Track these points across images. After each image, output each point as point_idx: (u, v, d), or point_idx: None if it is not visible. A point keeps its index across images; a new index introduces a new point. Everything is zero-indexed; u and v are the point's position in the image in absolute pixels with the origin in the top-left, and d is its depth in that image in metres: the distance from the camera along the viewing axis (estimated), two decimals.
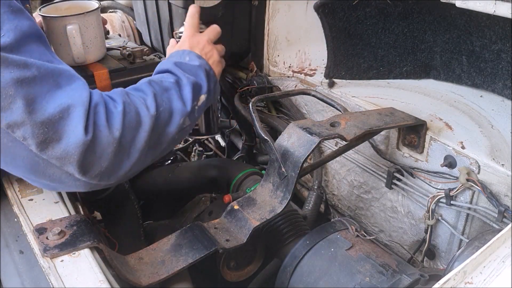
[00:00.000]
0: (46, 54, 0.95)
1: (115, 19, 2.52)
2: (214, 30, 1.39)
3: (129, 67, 1.51)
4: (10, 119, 0.86)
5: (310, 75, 1.85)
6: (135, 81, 1.50)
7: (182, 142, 2.40)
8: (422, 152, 1.42)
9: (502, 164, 1.24)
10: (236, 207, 1.23)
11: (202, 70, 1.23)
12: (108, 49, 1.63)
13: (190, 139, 2.35)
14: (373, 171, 1.59)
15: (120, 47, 1.59)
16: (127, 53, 1.53)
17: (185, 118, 1.15)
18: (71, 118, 0.91)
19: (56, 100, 0.91)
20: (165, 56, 2.02)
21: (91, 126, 0.94)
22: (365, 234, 1.25)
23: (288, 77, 1.89)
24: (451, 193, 1.32)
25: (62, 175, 0.95)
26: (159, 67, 1.25)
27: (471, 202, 1.31)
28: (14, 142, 0.88)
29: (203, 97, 1.22)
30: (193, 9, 1.38)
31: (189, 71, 1.21)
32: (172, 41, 1.41)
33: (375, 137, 1.53)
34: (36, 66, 0.89)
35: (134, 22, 2.50)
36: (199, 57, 1.26)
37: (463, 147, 1.32)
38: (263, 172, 1.56)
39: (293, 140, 1.19)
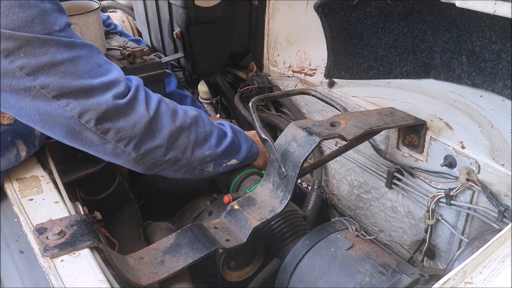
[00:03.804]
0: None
1: (115, 19, 2.52)
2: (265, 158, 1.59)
3: (129, 67, 1.51)
4: None
5: (310, 75, 1.85)
6: None
7: None
8: (422, 152, 1.42)
9: (502, 164, 1.24)
10: (236, 207, 1.23)
11: (242, 150, 1.45)
12: (108, 49, 1.63)
13: None
14: (373, 171, 1.59)
15: (120, 47, 1.59)
16: (127, 53, 1.53)
17: (211, 155, 1.33)
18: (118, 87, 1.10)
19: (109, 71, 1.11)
20: (165, 55, 2.03)
21: (131, 98, 1.12)
22: (365, 234, 1.25)
23: (288, 77, 1.89)
24: (451, 193, 1.32)
25: (94, 138, 1.09)
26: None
27: (471, 202, 1.31)
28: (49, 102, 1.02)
29: (234, 161, 1.42)
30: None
31: (234, 145, 1.42)
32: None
33: (375, 137, 1.53)
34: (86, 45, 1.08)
35: (134, 22, 2.50)
36: (252, 147, 1.50)
37: (463, 147, 1.32)
38: (263, 172, 1.56)
39: (293, 139, 1.19)
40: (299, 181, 1.86)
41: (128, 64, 1.52)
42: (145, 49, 1.57)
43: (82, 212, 1.16)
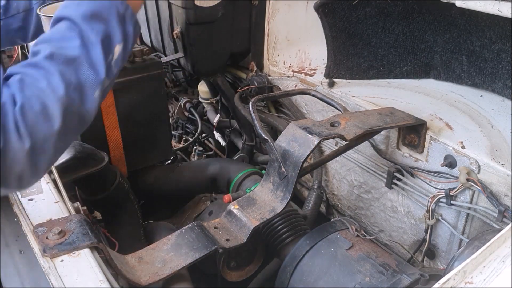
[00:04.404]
0: None
1: None
2: None
3: (129, 67, 1.51)
4: None
5: (310, 75, 1.85)
6: (135, 81, 1.51)
7: (182, 142, 2.40)
8: (422, 152, 1.42)
9: (502, 164, 1.24)
10: (236, 207, 1.23)
11: (116, 15, 0.99)
12: None
13: (190, 139, 2.36)
14: (373, 171, 1.59)
15: None
16: None
17: (102, 86, 0.98)
18: None
19: None
20: (165, 55, 2.03)
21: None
22: (365, 234, 1.25)
23: (288, 76, 1.89)
24: (451, 193, 1.32)
25: None
26: (61, 11, 0.99)
27: (471, 202, 1.31)
28: None
29: (118, 48, 1.00)
30: None
31: (96, 16, 0.97)
32: None
33: (375, 137, 1.53)
34: None
35: None
36: None
37: (463, 147, 1.32)
38: (263, 172, 1.56)
39: (293, 139, 1.19)
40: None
41: (128, 64, 1.52)
42: (145, 49, 1.57)
43: (82, 212, 1.16)
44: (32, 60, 0.93)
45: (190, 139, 2.33)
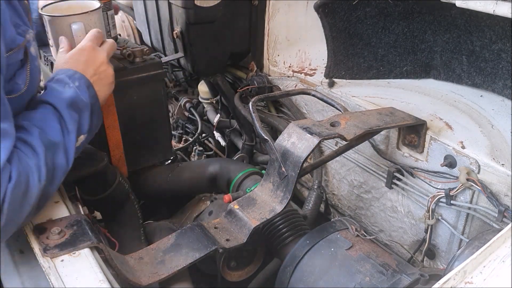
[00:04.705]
0: None
1: (115, 19, 2.51)
2: (112, 46, 1.24)
3: (129, 67, 1.51)
4: None
5: (310, 75, 1.85)
6: (135, 81, 1.51)
7: (182, 142, 2.40)
8: (422, 151, 1.42)
9: (502, 164, 1.24)
10: (236, 207, 1.23)
11: (89, 108, 1.07)
12: None
13: (190, 139, 2.36)
14: (373, 171, 1.59)
15: (120, 47, 1.59)
16: (127, 52, 1.53)
17: (66, 173, 1.03)
18: None
19: None
20: (165, 55, 2.03)
21: None
22: (365, 234, 1.25)
23: (288, 76, 1.89)
24: (451, 193, 1.32)
25: None
26: (45, 96, 1.05)
27: (471, 202, 1.31)
28: None
29: (82, 138, 1.07)
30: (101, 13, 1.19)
31: (76, 108, 1.05)
32: (61, 53, 1.19)
33: (375, 137, 1.53)
34: None
35: (134, 21, 2.50)
36: (89, 87, 1.09)
37: (463, 147, 1.32)
38: (263, 172, 1.56)
39: (293, 139, 1.19)
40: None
41: (128, 64, 1.52)
42: (145, 49, 1.56)
43: (82, 212, 1.16)
44: (22, 135, 0.95)
45: (190, 139, 2.32)
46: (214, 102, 2.25)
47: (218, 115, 2.19)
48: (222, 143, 2.24)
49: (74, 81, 1.08)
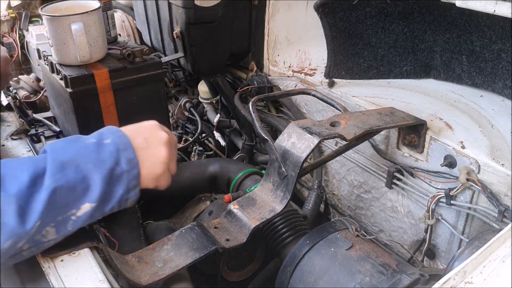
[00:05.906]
0: None
1: (115, 19, 2.51)
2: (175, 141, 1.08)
3: (129, 67, 1.51)
4: None
5: (310, 75, 1.85)
6: (135, 81, 1.51)
7: (182, 142, 2.40)
8: (422, 151, 1.42)
9: (502, 164, 1.24)
10: (236, 207, 1.23)
11: (107, 169, 0.89)
12: (109, 48, 1.63)
13: (190, 139, 2.36)
14: (373, 171, 1.59)
15: (120, 46, 1.59)
16: (127, 52, 1.53)
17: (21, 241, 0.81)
18: None
19: None
20: (165, 55, 2.03)
21: None
22: (365, 234, 1.25)
23: (288, 76, 1.89)
24: (451, 193, 1.32)
25: None
26: (47, 146, 0.90)
27: (471, 202, 1.31)
28: None
29: (87, 206, 0.88)
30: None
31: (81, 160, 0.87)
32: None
33: (375, 137, 1.53)
34: None
35: (134, 21, 2.50)
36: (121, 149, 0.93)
37: (463, 147, 1.32)
38: (263, 172, 1.56)
39: (293, 139, 1.19)
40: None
41: (128, 64, 1.52)
42: (145, 49, 1.57)
43: None
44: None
45: (190, 139, 2.32)
46: (214, 102, 2.25)
47: (218, 115, 2.19)
48: (222, 143, 2.24)
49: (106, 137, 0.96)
